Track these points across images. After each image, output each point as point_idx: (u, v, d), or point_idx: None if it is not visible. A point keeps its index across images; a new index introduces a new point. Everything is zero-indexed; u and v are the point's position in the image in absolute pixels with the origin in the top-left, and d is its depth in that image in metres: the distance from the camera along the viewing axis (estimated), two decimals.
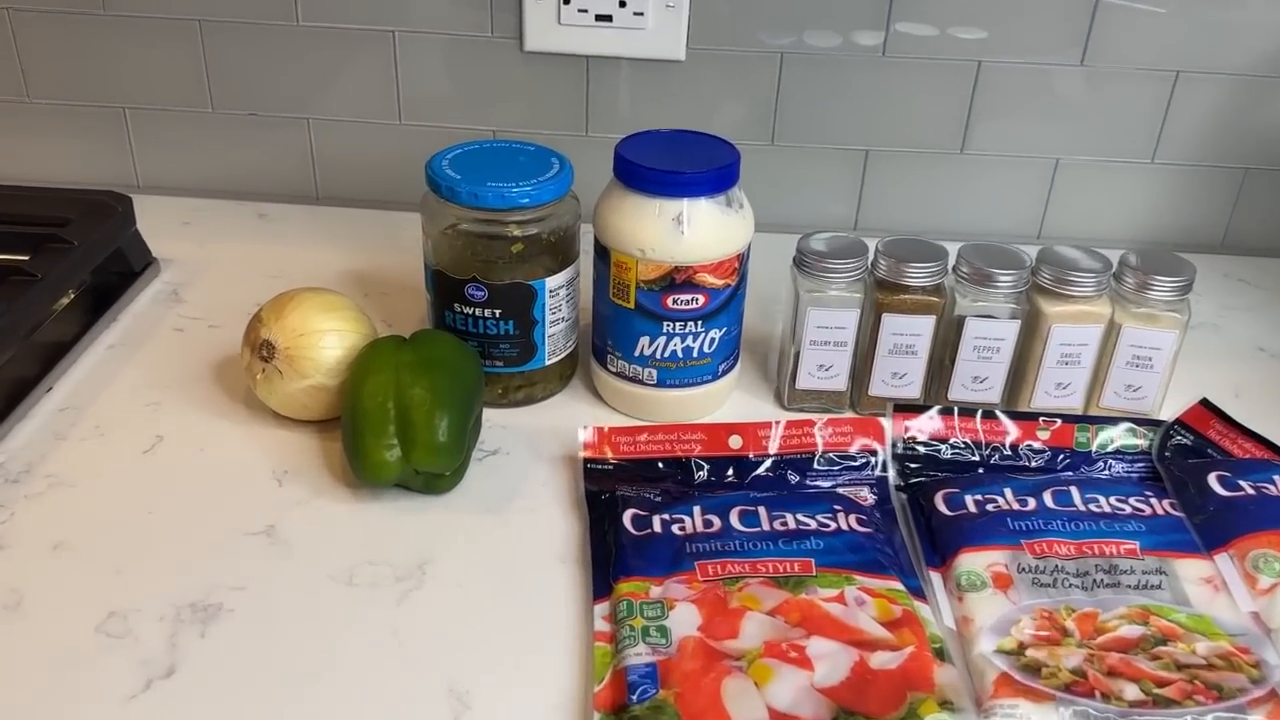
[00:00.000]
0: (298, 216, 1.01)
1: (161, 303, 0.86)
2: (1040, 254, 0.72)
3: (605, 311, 0.72)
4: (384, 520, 0.65)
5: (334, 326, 0.69)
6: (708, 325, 0.71)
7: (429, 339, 0.68)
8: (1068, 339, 0.71)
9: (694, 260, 0.68)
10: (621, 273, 0.69)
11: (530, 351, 0.73)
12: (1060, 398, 0.73)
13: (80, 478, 0.67)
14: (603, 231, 0.70)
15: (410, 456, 0.63)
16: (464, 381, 0.67)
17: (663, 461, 0.67)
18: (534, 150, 0.74)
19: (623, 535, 0.61)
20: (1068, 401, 0.73)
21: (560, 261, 0.72)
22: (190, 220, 0.99)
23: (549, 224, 0.70)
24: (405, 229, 0.98)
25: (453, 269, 0.70)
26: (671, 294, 0.69)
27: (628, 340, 0.71)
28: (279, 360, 0.68)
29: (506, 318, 0.71)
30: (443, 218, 0.70)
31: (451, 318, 0.72)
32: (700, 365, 0.72)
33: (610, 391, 0.75)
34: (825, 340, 0.72)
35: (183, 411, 0.73)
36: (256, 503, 0.65)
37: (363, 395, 0.65)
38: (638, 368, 0.72)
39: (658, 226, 0.67)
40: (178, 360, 0.78)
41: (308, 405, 0.69)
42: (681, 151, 0.70)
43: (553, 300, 0.72)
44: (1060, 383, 0.73)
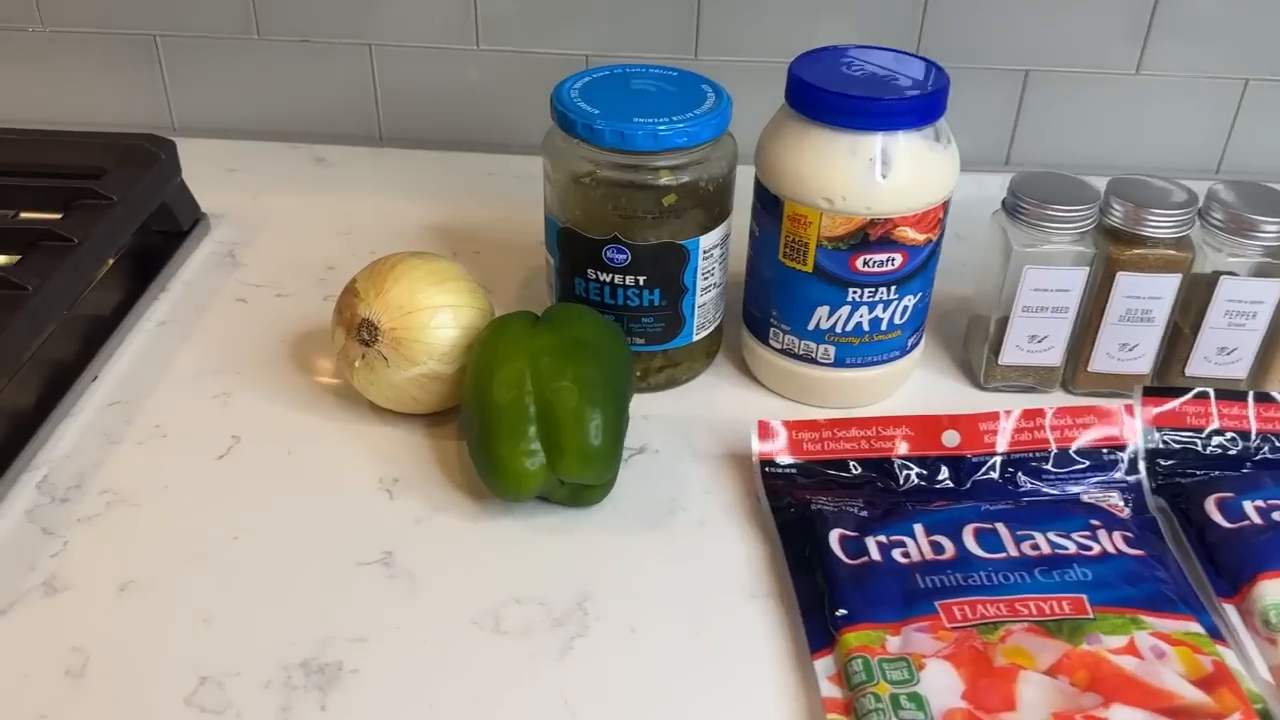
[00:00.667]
0: (360, 161, 0.87)
1: (217, 267, 0.73)
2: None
3: (769, 275, 0.59)
4: (526, 543, 0.52)
5: (447, 301, 0.56)
6: (902, 290, 0.57)
7: (569, 317, 0.55)
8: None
9: (895, 211, 0.55)
10: (798, 228, 0.56)
11: (677, 325, 0.60)
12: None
13: (143, 493, 0.54)
14: (774, 177, 0.57)
15: (557, 465, 0.51)
16: (616, 370, 0.54)
17: (859, 463, 0.55)
18: (677, 76, 0.60)
19: (833, 564, 0.49)
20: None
21: (715, 215, 0.58)
22: (236, 167, 0.85)
23: (706, 169, 0.57)
24: (488, 174, 0.85)
25: (588, 227, 0.57)
26: (863, 253, 0.55)
27: (800, 311, 0.58)
28: (383, 344, 0.55)
29: (652, 285, 0.58)
30: (575, 163, 0.56)
31: (583, 286, 0.59)
32: (888, 340, 0.59)
33: (771, 372, 0.62)
34: (1042, 306, 0.59)
35: (259, 404, 0.60)
36: (366, 522, 0.53)
37: (494, 389, 0.52)
38: (811, 344, 0.59)
39: (851, 169, 0.54)
40: (244, 338, 0.66)
41: (417, 398, 0.57)
42: (870, 74, 0.56)
43: (705, 263, 0.59)
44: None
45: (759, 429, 0.55)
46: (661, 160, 0.55)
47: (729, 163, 0.58)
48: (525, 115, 0.89)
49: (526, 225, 0.77)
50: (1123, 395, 0.62)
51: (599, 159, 0.55)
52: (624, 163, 0.55)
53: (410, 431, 0.58)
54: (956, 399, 0.63)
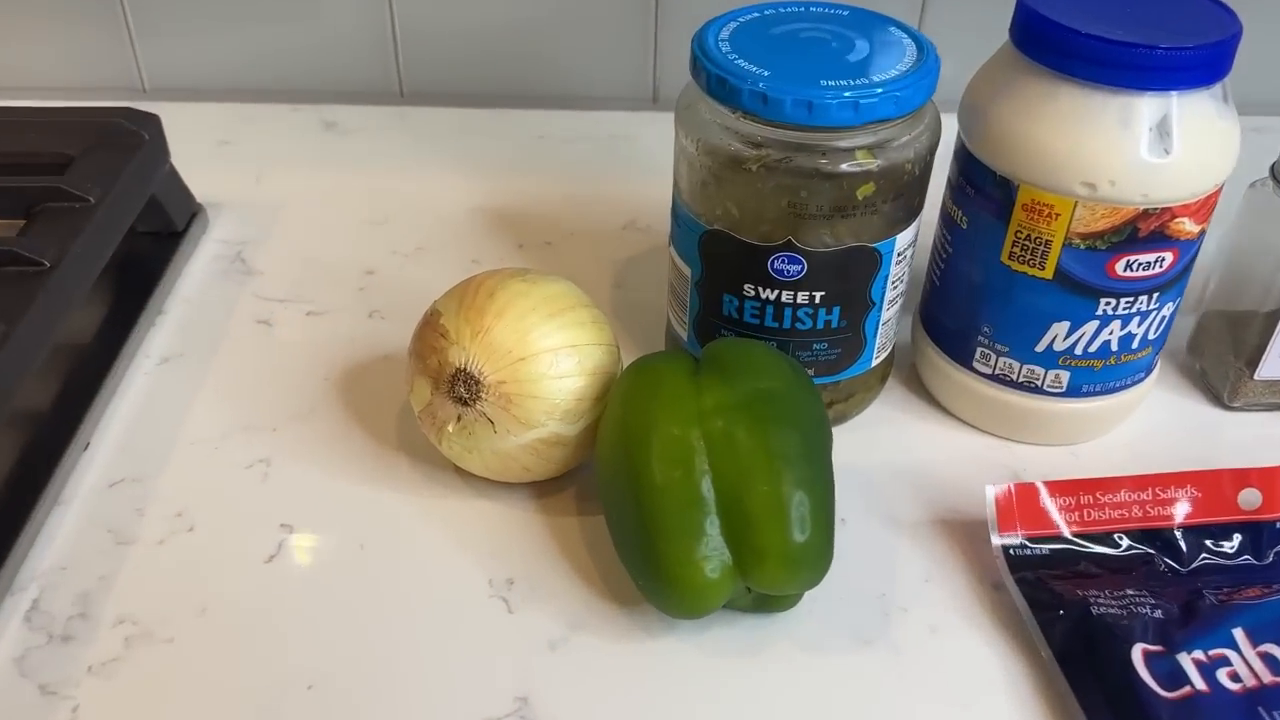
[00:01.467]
0: (379, 124, 0.71)
1: (225, 277, 0.57)
2: None
3: (982, 280, 0.45)
4: (700, 670, 0.38)
5: (568, 340, 0.42)
6: (1165, 297, 0.44)
7: (743, 358, 0.40)
8: None
9: (1176, 197, 0.40)
10: (1038, 222, 0.42)
11: (855, 351, 0.46)
12: None
13: (175, 621, 0.40)
14: (1002, 151, 0.42)
15: (751, 572, 0.37)
16: (815, 432, 0.40)
17: (1128, 535, 0.42)
18: (849, 16, 0.45)
19: (1149, 702, 0.35)
20: None
21: (915, 205, 0.44)
22: (229, 138, 0.69)
23: (910, 145, 0.42)
24: (538, 137, 0.69)
25: (751, 229, 0.42)
26: (1127, 254, 0.42)
27: (1027, 328, 0.44)
28: (488, 403, 0.41)
29: (830, 302, 0.44)
30: (734, 143, 0.41)
31: (734, 306, 0.45)
32: (1136, 360, 0.46)
33: (971, 402, 0.48)
34: None
35: (310, 476, 0.46)
36: (484, 651, 0.39)
37: (651, 468, 0.38)
38: (1037, 369, 0.45)
39: (1124, 143, 0.40)
40: (276, 377, 0.51)
41: (529, 467, 0.43)
42: (1126, 6, 0.41)
43: (898, 268, 0.45)
44: None
45: (997, 499, 0.41)
46: (859, 137, 0.41)
47: (934, 134, 0.43)
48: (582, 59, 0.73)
49: (601, 203, 0.63)
50: None
51: (771, 137, 0.41)
52: (808, 143, 0.41)
53: (517, 507, 0.44)
54: (1196, 424, 0.49)
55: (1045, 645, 0.38)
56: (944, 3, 0.63)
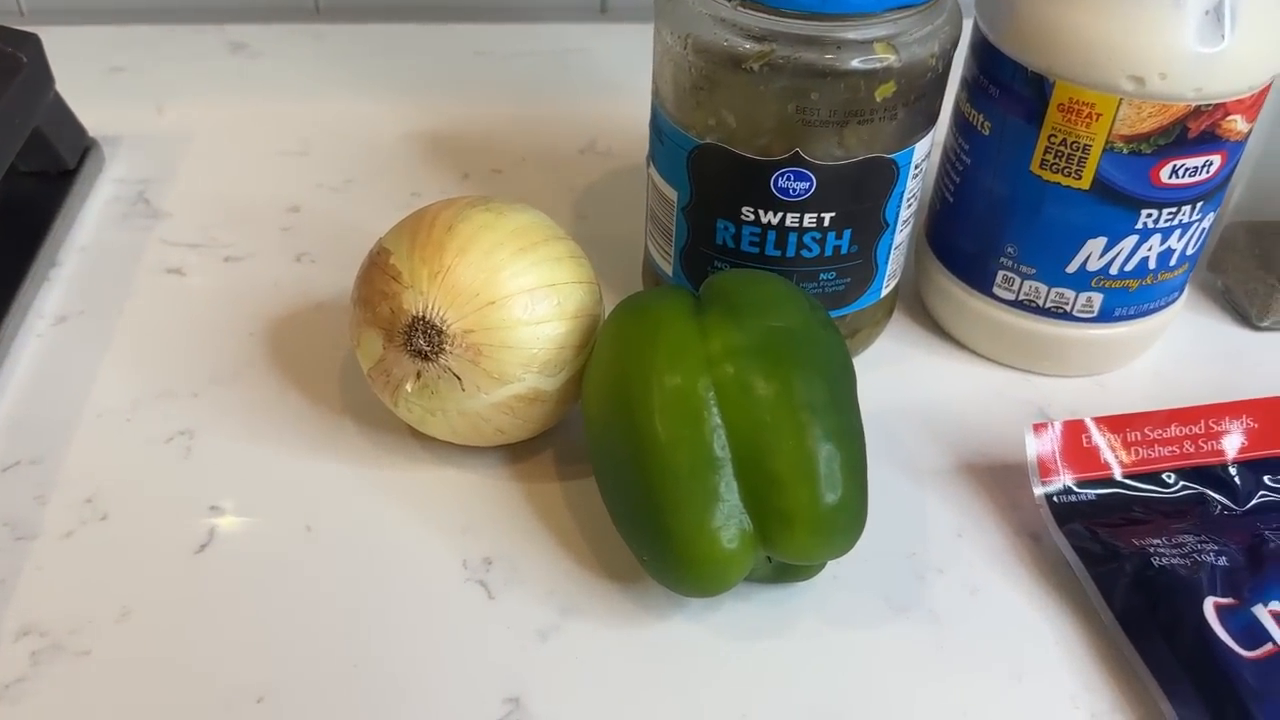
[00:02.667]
0: (293, 45, 0.63)
1: (127, 221, 0.50)
2: None
3: (1007, 193, 0.40)
4: (715, 656, 0.33)
5: (544, 279, 0.35)
6: (1207, 207, 0.39)
7: (751, 292, 0.34)
8: None
9: (1231, 91, 0.35)
10: (1076, 123, 0.37)
11: (866, 279, 0.41)
12: None
13: (91, 629, 0.33)
14: (1032, 42, 0.36)
15: (775, 539, 0.32)
16: (843, 376, 0.34)
17: (1178, 474, 0.37)
18: None
19: (1229, 663, 0.32)
20: None
21: (935, 110, 0.39)
22: (122, 64, 0.60)
23: (933, 39, 0.36)
24: (478, 51, 0.62)
25: (750, 141, 0.37)
26: (1175, 158, 0.37)
27: (1059, 245, 0.39)
28: (454, 355, 0.34)
29: (841, 225, 0.39)
30: (731, 37, 0.35)
31: (730, 233, 0.39)
32: (1173, 278, 0.41)
33: (989, 332, 0.43)
34: None
35: (240, 448, 0.39)
36: (464, 648, 0.33)
37: (653, 425, 0.32)
38: (1067, 291, 0.40)
39: (1179, 29, 0.34)
40: (193, 335, 0.44)
41: (503, 428, 0.37)
42: None
43: (914, 183, 0.39)
44: None
45: (1038, 443, 0.37)
46: (877, 27, 0.35)
47: (956, 27, 0.38)
48: None
49: (554, 125, 0.56)
50: None
51: (776, 29, 0.35)
52: (819, 35, 0.35)
53: (487, 474, 0.38)
54: (1229, 347, 0.45)
55: (1104, 604, 0.34)
56: None
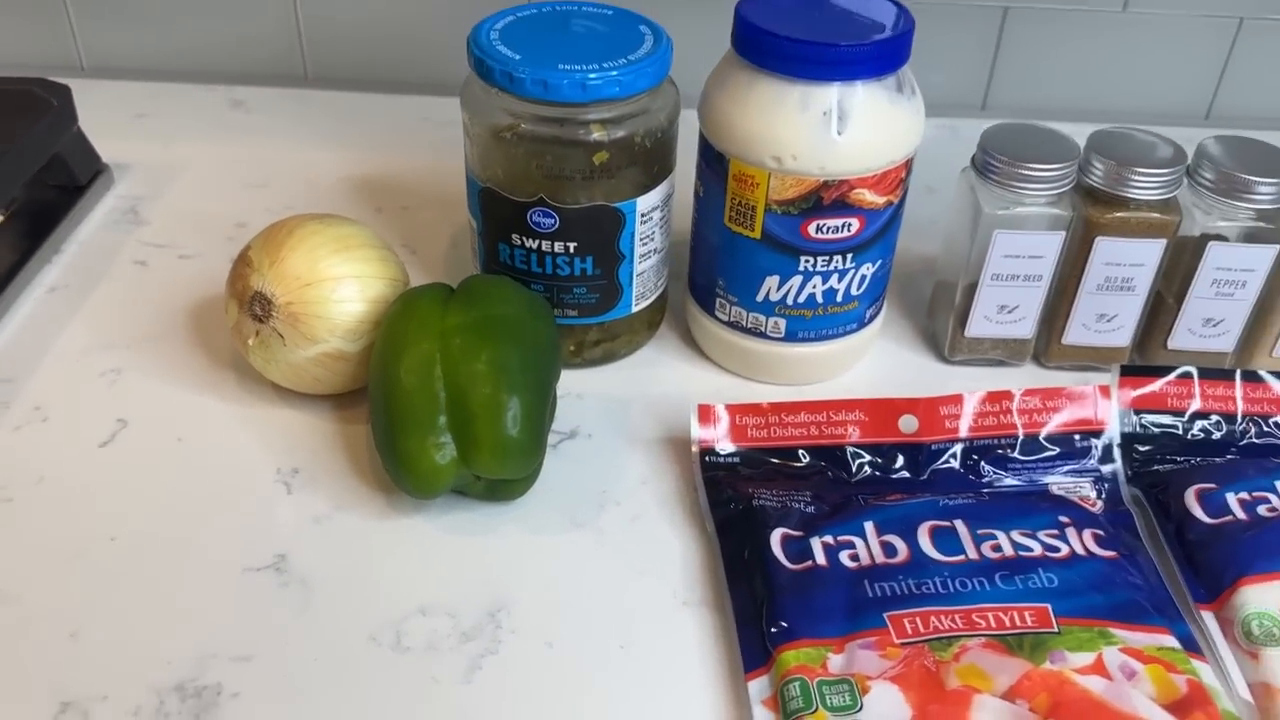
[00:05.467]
0: (283, 104, 0.80)
1: (117, 225, 0.67)
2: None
3: (715, 241, 0.53)
4: (436, 545, 0.47)
5: (352, 271, 0.50)
6: (860, 259, 0.52)
7: (486, 290, 0.50)
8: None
9: (851, 171, 0.49)
10: (745, 190, 0.50)
11: (613, 296, 0.55)
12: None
13: (15, 486, 0.49)
14: (717, 131, 0.51)
15: (471, 459, 0.46)
16: (538, 350, 0.49)
17: (808, 450, 0.50)
18: (613, 15, 0.53)
19: (774, 570, 0.44)
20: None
21: (655, 173, 0.53)
22: (146, 111, 0.78)
23: (642, 122, 0.51)
24: (423, 118, 0.78)
25: (511, 188, 0.51)
26: (816, 218, 0.50)
27: (748, 280, 0.53)
28: (279, 320, 0.49)
29: (584, 253, 0.53)
30: (496, 116, 0.50)
31: (507, 253, 0.53)
32: (845, 312, 0.54)
33: (717, 346, 0.57)
34: (1013, 274, 0.54)
35: (151, 383, 0.55)
36: (258, 520, 0.48)
37: (399, 375, 0.46)
38: (760, 316, 0.54)
39: (801, 124, 0.48)
40: (141, 307, 0.60)
41: (320, 378, 0.51)
42: (825, 12, 0.50)
43: (644, 227, 0.53)
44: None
45: (699, 413, 0.50)
46: (592, 113, 0.49)
47: (670, 114, 0.52)
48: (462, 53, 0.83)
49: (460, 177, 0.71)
50: (1099, 368, 0.57)
51: (521, 111, 0.49)
52: (549, 115, 0.49)
53: (317, 415, 0.53)
54: (920, 373, 0.58)
55: (710, 524, 0.47)
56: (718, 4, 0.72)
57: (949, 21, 0.77)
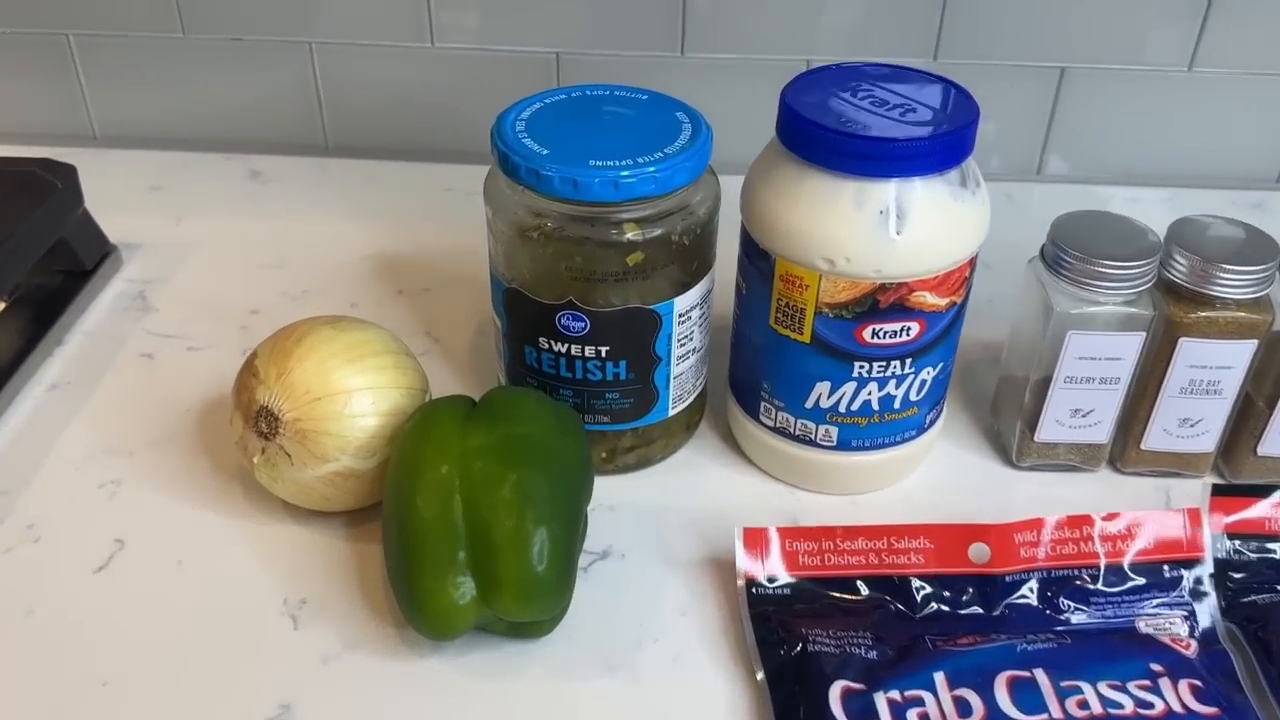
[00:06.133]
0: (302, 174, 0.77)
1: (124, 312, 0.63)
2: None
3: (759, 342, 0.49)
4: (453, 690, 0.42)
5: (366, 383, 0.46)
6: (919, 363, 0.48)
7: (510, 405, 0.45)
8: None
9: (910, 273, 0.45)
10: (793, 291, 0.46)
11: (649, 401, 0.50)
12: None
13: (3, 619, 0.45)
14: (763, 228, 0.46)
15: (492, 600, 0.41)
16: (568, 473, 0.44)
17: (867, 581, 0.45)
18: (648, 101, 0.49)
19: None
20: None
21: (694, 270, 0.48)
22: (161, 184, 0.75)
23: (680, 219, 0.46)
24: (448, 188, 0.75)
25: (538, 289, 0.47)
26: (871, 323, 0.45)
27: (796, 386, 0.48)
28: (285, 438, 0.45)
29: (617, 357, 0.48)
30: (521, 213, 0.46)
31: (534, 357, 0.49)
32: (902, 419, 0.49)
33: (761, 451, 0.52)
34: (1088, 376, 0.49)
35: (152, 497, 0.51)
36: (263, 660, 0.43)
37: (415, 504, 0.42)
38: (809, 423, 0.49)
39: (857, 224, 0.44)
40: (145, 407, 0.56)
41: (330, 497, 0.47)
42: (878, 99, 0.45)
43: (682, 327, 0.49)
44: None
45: (744, 538, 0.45)
46: (625, 212, 0.45)
47: (711, 207, 0.48)
48: (486, 121, 0.80)
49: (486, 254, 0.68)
50: (1182, 474, 0.52)
51: (548, 209, 0.45)
52: (579, 214, 0.45)
53: (328, 533, 0.49)
54: (984, 480, 0.53)
55: (760, 668, 0.42)
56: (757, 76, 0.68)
57: (1003, 82, 0.73)
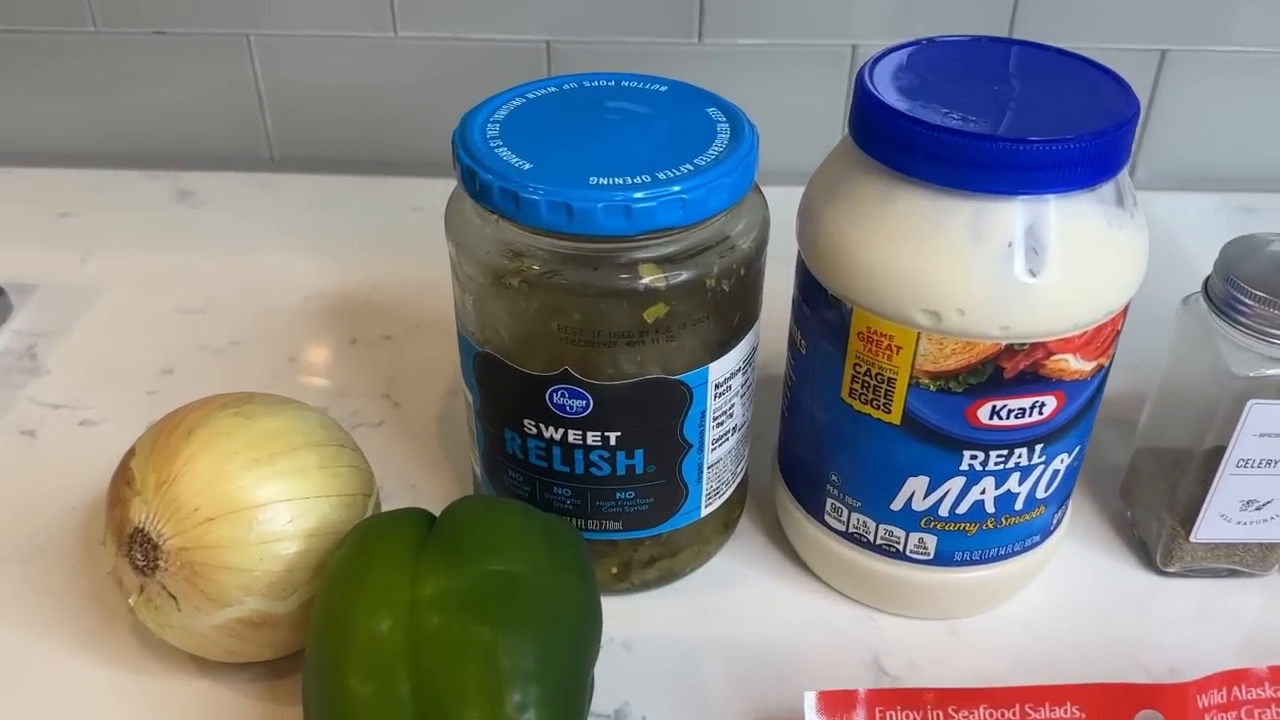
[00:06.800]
0: (241, 194, 0.64)
1: (6, 377, 0.50)
2: None
3: (826, 419, 0.36)
4: None
5: (281, 493, 0.33)
6: (1052, 450, 0.34)
7: (483, 529, 0.31)
8: None
9: (1050, 331, 0.32)
10: (877, 355, 0.33)
11: (674, 500, 0.37)
12: None
13: None
14: (831, 266, 0.33)
15: None
16: (565, 629, 0.31)
17: None
18: (668, 92, 0.36)
19: None
20: None
21: (735, 325, 0.35)
22: (70, 209, 0.62)
23: (719, 258, 0.33)
24: (415, 207, 0.62)
25: (521, 356, 0.34)
26: (991, 398, 0.33)
27: (879, 481, 0.35)
28: (169, 573, 0.32)
29: (630, 445, 0.35)
30: (493, 251, 0.33)
31: (517, 445, 0.36)
32: (1024, 523, 0.36)
33: (827, 562, 0.39)
34: (1269, 459, 0.36)
35: (22, 637, 0.37)
36: None
37: (343, 677, 0.29)
38: (897, 530, 0.36)
39: (973, 261, 0.31)
40: (18, 504, 0.42)
41: (234, 650, 0.34)
42: (1000, 83, 0.33)
43: (720, 401, 0.36)
44: None
45: (819, 705, 0.32)
46: (642, 249, 0.32)
47: (757, 239, 0.35)
48: None
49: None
50: None
51: (533, 247, 0.32)
52: (576, 253, 0.32)
53: (240, 688, 0.35)
54: (1120, 591, 0.40)
55: None
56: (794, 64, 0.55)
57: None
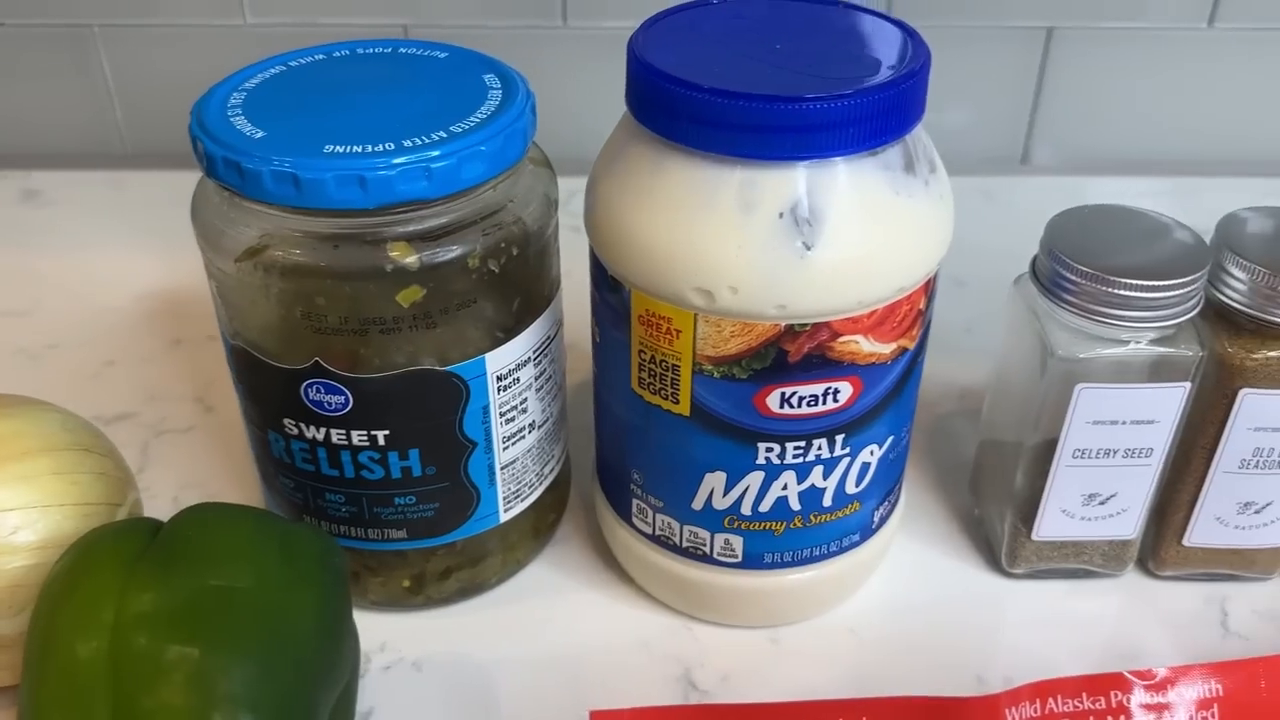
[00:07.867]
0: (91, 192, 0.60)
1: None
2: None
3: (621, 412, 0.33)
4: None
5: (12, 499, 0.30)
6: (857, 440, 0.32)
7: (204, 538, 0.28)
8: None
9: (832, 309, 0.29)
10: (659, 340, 0.30)
11: (464, 504, 0.34)
12: None
13: None
14: (611, 245, 0.30)
15: None
16: (288, 650, 0.27)
17: None
18: (446, 59, 0.33)
19: None
20: None
21: (518, 310, 0.32)
22: None
23: (484, 235, 0.31)
24: None
25: (271, 348, 0.31)
26: (778, 384, 0.30)
27: (676, 478, 0.32)
28: None
29: (403, 444, 0.32)
30: (232, 231, 0.30)
31: (281, 447, 0.33)
32: (837, 520, 0.33)
33: (640, 567, 0.36)
34: (1107, 448, 0.33)
35: None
36: None
37: (40, 702, 0.26)
38: (701, 531, 0.33)
39: (745, 232, 0.28)
40: None
41: None
42: (779, 43, 0.30)
43: (505, 395, 0.33)
44: None
45: None
46: (392, 226, 0.29)
47: (539, 214, 0.32)
48: None
49: None
50: (1241, 577, 0.36)
51: (282, 228, 0.30)
52: (315, 231, 0.29)
53: None
54: (964, 594, 0.37)
55: None
56: None
57: (976, 49, 0.57)
